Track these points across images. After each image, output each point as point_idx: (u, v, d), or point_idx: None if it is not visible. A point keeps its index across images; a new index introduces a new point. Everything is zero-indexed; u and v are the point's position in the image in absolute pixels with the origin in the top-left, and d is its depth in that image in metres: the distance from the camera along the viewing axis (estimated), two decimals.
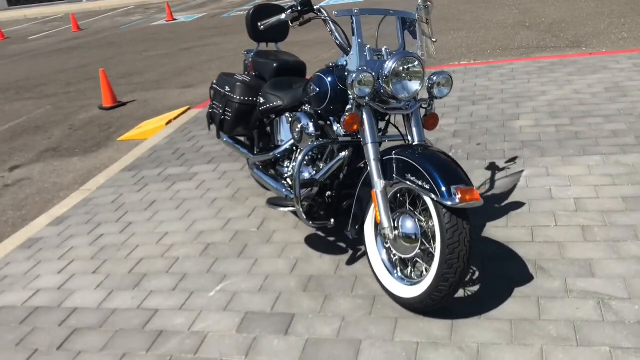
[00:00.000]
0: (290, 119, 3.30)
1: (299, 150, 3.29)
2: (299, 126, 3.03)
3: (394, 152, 2.55)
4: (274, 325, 2.64)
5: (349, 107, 2.64)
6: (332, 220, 2.99)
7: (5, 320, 2.99)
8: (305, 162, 3.13)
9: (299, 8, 2.71)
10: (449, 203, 2.28)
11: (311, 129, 2.97)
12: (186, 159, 4.90)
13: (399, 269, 2.67)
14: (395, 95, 2.58)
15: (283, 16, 2.75)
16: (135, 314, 2.88)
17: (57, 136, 6.72)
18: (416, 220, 2.53)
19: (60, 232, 3.92)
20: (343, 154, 2.90)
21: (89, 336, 2.77)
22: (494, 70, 6.11)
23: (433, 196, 2.33)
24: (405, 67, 2.57)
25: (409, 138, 2.72)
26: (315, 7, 2.78)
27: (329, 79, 2.81)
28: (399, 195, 2.66)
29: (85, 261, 3.47)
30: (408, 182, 2.44)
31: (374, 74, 2.56)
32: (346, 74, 2.67)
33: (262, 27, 2.84)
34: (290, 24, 2.77)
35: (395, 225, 2.56)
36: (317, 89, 2.85)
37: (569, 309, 2.45)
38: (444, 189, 2.31)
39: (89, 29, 17.39)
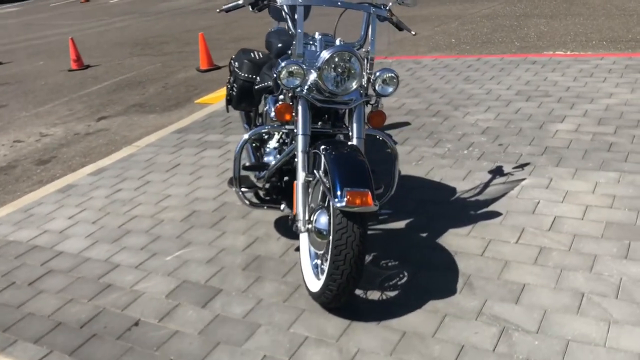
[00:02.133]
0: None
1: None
2: (265, 109, 3.09)
3: (321, 146, 2.54)
4: (198, 297, 2.79)
5: (281, 96, 2.66)
6: (283, 205, 3.04)
7: (6, 253, 3.45)
8: (274, 147, 3.19)
9: None
10: (337, 204, 2.25)
11: (272, 113, 3.02)
12: (230, 127, 5.14)
13: (318, 261, 2.68)
14: (328, 89, 2.55)
15: (241, 1, 2.81)
16: (100, 265, 3.19)
17: (150, 93, 7.32)
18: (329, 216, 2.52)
19: (92, 182, 4.36)
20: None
21: (56, 278, 3.12)
22: (576, 65, 5.59)
23: (328, 195, 2.32)
24: (339, 62, 2.53)
25: (350, 134, 2.68)
26: None
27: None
28: None
29: (93, 211, 3.85)
30: (319, 179, 2.44)
31: (304, 66, 2.55)
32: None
33: (219, 11, 2.92)
34: (251, 9, 2.82)
35: (311, 219, 2.57)
36: (274, 75, 2.89)
37: (467, 332, 2.33)
38: (338, 190, 2.28)
39: None
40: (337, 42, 2.70)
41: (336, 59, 2.52)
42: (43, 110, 7.13)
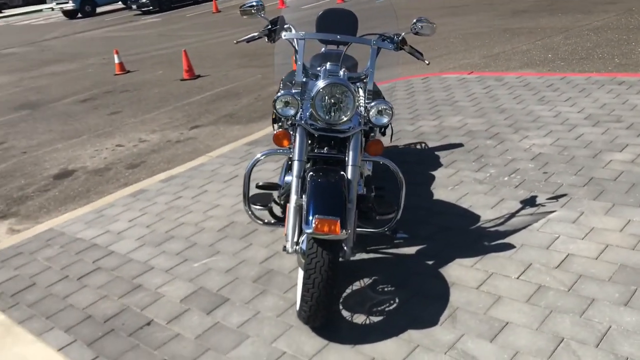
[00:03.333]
0: None
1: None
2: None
3: (310, 172, 2.67)
4: (206, 304, 3.03)
5: (280, 123, 2.82)
6: None
7: (71, 248, 3.92)
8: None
9: (269, 26, 2.94)
10: (306, 230, 2.37)
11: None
12: None
13: None
14: (320, 117, 2.67)
15: (256, 33, 3.01)
16: (138, 266, 3.54)
17: (242, 104, 7.77)
18: None
19: (160, 188, 4.78)
20: (308, 165, 3.07)
21: (100, 275, 3.51)
22: None
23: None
24: (333, 93, 2.64)
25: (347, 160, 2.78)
26: (285, 26, 2.97)
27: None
28: None
29: (151, 216, 4.25)
30: (303, 203, 2.57)
31: (298, 97, 2.69)
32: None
33: (236, 42, 3.12)
34: (267, 40, 3.01)
35: (299, 241, 2.70)
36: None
37: None
38: (310, 216, 2.40)
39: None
40: (341, 74, 2.81)
41: (329, 90, 2.64)
42: (149, 117, 7.83)
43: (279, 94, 2.69)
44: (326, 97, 2.65)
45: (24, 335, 3.04)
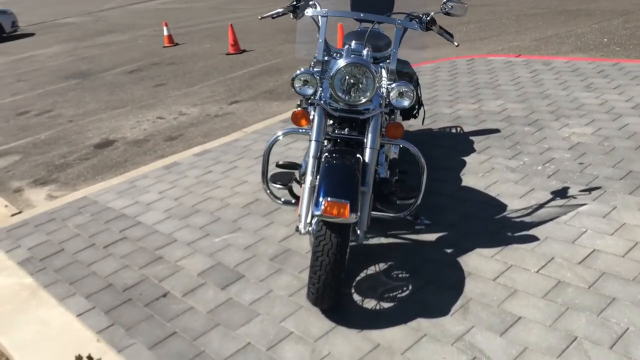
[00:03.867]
0: None
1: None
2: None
3: (325, 153, 2.63)
4: (221, 280, 3.05)
5: (298, 103, 2.77)
6: None
7: (100, 217, 4.02)
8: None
9: (295, 2, 2.89)
10: (315, 212, 2.34)
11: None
12: None
13: None
14: (338, 97, 2.62)
15: (281, 9, 2.96)
16: (162, 238, 3.59)
17: (283, 80, 7.74)
18: None
19: (193, 162, 4.83)
20: (328, 146, 3.02)
21: (125, 245, 3.58)
22: None
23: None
24: (352, 73, 2.57)
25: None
26: (310, 2, 2.90)
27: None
28: None
29: (180, 189, 4.30)
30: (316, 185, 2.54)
31: (317, 76, 2.63)
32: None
33: (261, 18, 3.08)
34: (292, 17, 2.96)
35: (311, 222, 2.67)
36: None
37: (436, 355, 2.29)
38: (320, 198, 2.36)
39: None
40: (364, 53, 2.74)
41: (349, 70, 2.57)
42: (191, 91, 7.91)
43: (297, 72, 2.64)
44: (346, 77, 2.60)
45: (48, 299, 3.15)
